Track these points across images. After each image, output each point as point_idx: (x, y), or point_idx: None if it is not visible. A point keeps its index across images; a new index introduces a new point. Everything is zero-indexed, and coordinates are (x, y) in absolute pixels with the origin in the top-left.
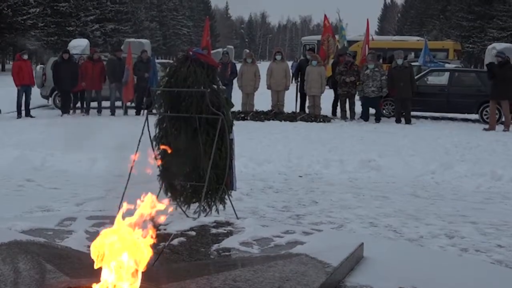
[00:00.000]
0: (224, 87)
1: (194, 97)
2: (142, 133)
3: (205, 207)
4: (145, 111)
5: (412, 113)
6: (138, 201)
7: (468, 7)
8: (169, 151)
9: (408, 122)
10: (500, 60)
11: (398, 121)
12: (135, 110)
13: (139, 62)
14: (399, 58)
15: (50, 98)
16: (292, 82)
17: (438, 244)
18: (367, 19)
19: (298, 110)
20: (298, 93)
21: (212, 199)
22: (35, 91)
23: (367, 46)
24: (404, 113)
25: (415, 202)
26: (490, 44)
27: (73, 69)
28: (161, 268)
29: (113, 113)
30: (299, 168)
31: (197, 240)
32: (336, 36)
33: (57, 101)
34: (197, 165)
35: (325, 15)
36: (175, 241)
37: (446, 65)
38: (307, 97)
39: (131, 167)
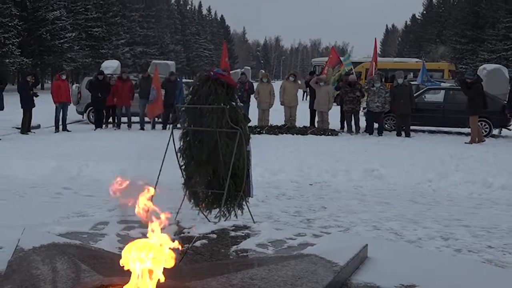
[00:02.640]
0: (242, 104)
1: (215, 113)
2: (168, 145)
3: (225, 212)
4: (171, 125)
5: (411, 127)
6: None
7: (461, 32)
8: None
9: (407, 135)
10: (469, 81)
11: (398, 134)
12: (162, 125)
13: (167, 82)
14: (400, 78)
15: (84, 114)
16: (303, 100)
17: (435, 245)
18: (375, 39)
19: (308, 125)
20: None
21: (231, 205)
22: (71, 107)
23: (374, 63)
24: (404, 127)
25: (414, 207)
26: (481, 65)
27: (106, 87)
28: (185, 267)
29: (142, 128)
30: (309, 177)
31: (218, 242)
32: (342, 58)
33: (91, 117)
34: (217, 174)
35: (332, 47)
36: (198, 243)
37: (442, 84)
38: (316, 113)
39: (158, 176)
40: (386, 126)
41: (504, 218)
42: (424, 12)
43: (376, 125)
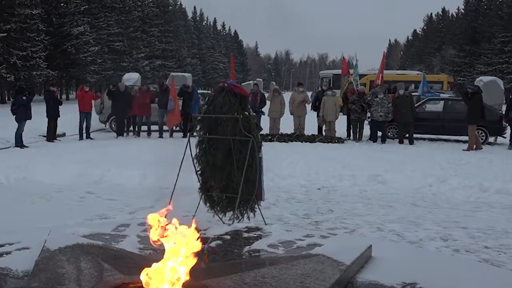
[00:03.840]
0: (254, 114)
1: (229, 122)
2: (185, 152)
3: (238, 215)
4: (188, 133)
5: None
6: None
7: (459, 46)
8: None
9: (411, 143)
10: (470, 91)
11: (401, 142)
12: (182, 133)
13: (184, 93)
14: (401, 89)
15: (107, 123)
16: (311, 110)
17: (435, 246)
18: (384, 52)
19: (316, 133)
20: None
21: (244, 208)
22: (94, 117)
23: (381, 75)
24: (406, 135)
25: (415, 210)
26: (478, 77)
27: (127, 98)
28: (201, 266)
29: (160, 136)
30: (317, 182)
31: (232, 242)
32: (351, 71)
33: (113, 125)
34: (231, 179)
35: (343, 58)
36: (213, 244)
37: (441, 95)
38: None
39: (176, 181)
40: (389, 134)
41: (499, 220)
42: (425, 27)
43: (379, 133)
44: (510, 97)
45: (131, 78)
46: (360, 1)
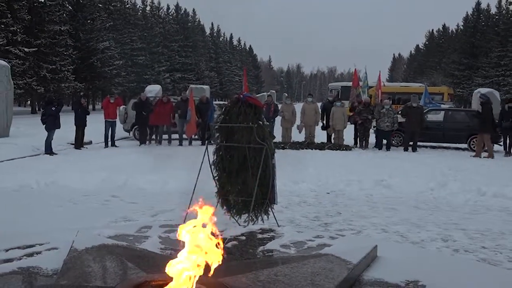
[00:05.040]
0: (267, 123)
1: (244, 131)
2: (203, 159)
3: (253, 217)
4: (206, 141)
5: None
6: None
7: (459, 60)
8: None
9: (414, 150)
10: (482, 100)
11: (405, 149)
12: (200, 141)
13: (200, 103)
14: (415, 102)
15: (130, 132)
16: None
17: (436, 246)
18: (379, 72)
19: (326, 141)
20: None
21: (258, 211)
22: (119, 125)
23: (379, 91)
24: (412, 143)
25: (418, 213)
26: (476, 89)
27: (149, 108)
28: (218, 265)
29: (180, 144)
30: (326, 186)
31: (247, 243)
32: (360, 83)
33: (136, 134)
34: (246, 184)
35: (355, 69)
36: (229, 244)
37: (442, 105)
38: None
39: (195, 186)
40: (393, 142)
41: (496, 222)
42: (427, 42)
43: (384, 141)
44: (506, 108)
45: (153, 90)
46: (366, 18)
